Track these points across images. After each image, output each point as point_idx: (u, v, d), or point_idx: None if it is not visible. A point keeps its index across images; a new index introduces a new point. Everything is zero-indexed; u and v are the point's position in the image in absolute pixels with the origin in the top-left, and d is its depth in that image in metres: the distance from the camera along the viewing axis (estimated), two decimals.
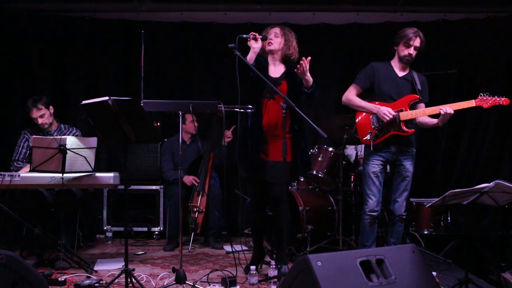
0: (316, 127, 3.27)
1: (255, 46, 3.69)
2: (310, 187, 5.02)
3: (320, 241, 4.59)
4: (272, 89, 3.58)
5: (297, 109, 3.39)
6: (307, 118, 3.33)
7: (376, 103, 3.93)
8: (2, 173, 3.88)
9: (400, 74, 3.99)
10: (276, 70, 3.87)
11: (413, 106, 3.93)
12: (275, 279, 3.55)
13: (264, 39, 3.78)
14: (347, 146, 4.86)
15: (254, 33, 3.69)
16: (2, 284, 2.50)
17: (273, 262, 3.70)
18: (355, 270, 2.47)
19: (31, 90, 5.52)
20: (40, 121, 4.44)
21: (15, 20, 5.67)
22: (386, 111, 3.83)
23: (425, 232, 5.03)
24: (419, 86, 3.93)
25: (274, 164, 3.74)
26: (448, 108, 3.74)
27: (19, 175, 3.93)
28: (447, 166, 5.90)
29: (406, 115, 3.85)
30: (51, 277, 3.64)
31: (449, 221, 5.19)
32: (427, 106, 3.94)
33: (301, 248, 4.55)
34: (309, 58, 3.55)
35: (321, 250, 4.50)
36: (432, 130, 5.83)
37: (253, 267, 3.68)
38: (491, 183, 3.10)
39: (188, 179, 5.08)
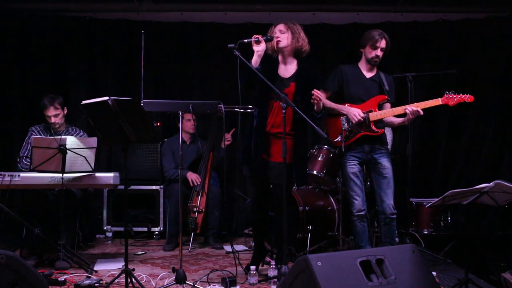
0: (316, 127, 3.26)
1: (259, 49, 3.59)
2: (310, 187, 5.02)
3: (320, 241, 4.59)
4: (277, 90, 3.46)
5: (297, 109, 3.35)
6: (307, 118, 3.32)
7: (346, 105, 3.97)
8: (2, 173, 3.88)
9: (368, 75, 4.04)
10: (286, 69, 3.80)
11: (381, 107, 3.98)
12: (275, 279, 3.55)
13: (268, 40, 3.65)
14: None
15: (257, 36, 3.58)
16: (2, 284, 2.50)
17: (273, 262, 3.69)
18: (355, 270, 2.47)
19: (31, 90, 5.54)
20: (53, 119, 4.44)
21: (15, 20, 5.67)
22: (356, 113, 3.88)
23: (425, 232, 5.02)
24: (387, 87, 3.98)
25: (277, 165, 3.71)
26: (413, 108, 3.78)
27: (19, 175, 3.93)
28: (447, 166, 5.90)
29: (375, 115, 3.90)
30: (51, 277, 3.64)
31: (449, 221, 5.19)
32: (392, 106, 3.98)
33: (301, 248, 4.54)
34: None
35: (321, 250, 4.50)
36: (432, 130, 5.89)
37: (253, 267, 3.68)
38: (491, 183, 3.10)
39: (192, 177, 5.06)
